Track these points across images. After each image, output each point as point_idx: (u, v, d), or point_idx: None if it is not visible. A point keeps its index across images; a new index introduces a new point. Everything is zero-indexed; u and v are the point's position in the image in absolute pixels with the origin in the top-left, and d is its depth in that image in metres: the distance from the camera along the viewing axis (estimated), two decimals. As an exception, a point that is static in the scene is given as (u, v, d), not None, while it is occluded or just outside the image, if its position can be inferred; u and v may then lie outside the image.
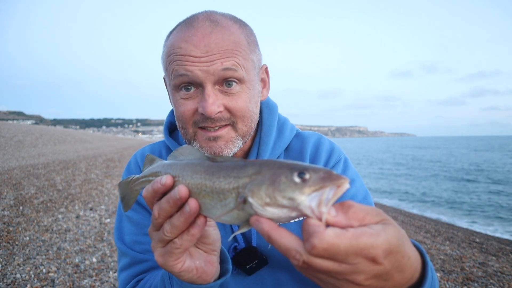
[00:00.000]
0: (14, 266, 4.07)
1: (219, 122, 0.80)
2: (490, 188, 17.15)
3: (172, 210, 0.54)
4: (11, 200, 7.29)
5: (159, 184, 0.55)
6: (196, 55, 0.75)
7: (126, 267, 0.92)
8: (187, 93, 0.79)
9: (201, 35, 0.76)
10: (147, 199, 0.57)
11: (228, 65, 0.76)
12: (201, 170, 0.53)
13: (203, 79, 0.76)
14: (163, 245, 0.58)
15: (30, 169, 11.75)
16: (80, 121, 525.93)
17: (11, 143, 22.83)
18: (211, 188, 0.51)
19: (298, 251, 0.45)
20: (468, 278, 4.26)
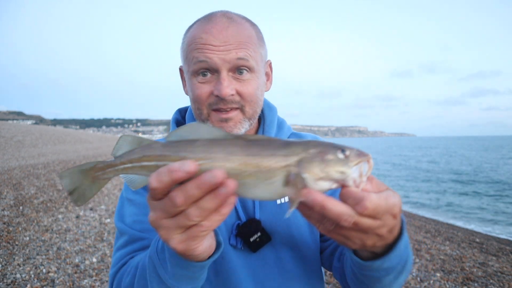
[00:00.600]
0: (14, 266, 4.07)
1: (231, 104, 0.90)
2: (489, 188, 17.15)
3: (203, 195, 0.49)
4: (11, 200, 7.29)
5: (182, 173, 0.47)
6: (215, 44, 0.87)
7: (122, 246, 0.91)
8: (204, 78, 0.90)
9: (220, 28, 0.89)
10: (157, 190, 0.49)
11: (241, 55, 0.88)
12: (237, 150, 0.50)
13: (220, 65, 0.88)
14: (183, 230, 0.53)
15: (30, 169, 11.74)
16: (80, 121, 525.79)
17: (11, 143, 22.82)
18: (257, 168, 0.51)
19: (350, 214, 0.53)
20: (468, 278, 4.26)
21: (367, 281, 0.75)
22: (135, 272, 0.78)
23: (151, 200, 0.53)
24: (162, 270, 0.67)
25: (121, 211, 0.98)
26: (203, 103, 0.92)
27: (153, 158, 0.52)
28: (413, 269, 4.49)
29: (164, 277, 0.67)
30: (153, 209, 0.54)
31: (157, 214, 0.53)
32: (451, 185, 18.59)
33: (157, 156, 0.52)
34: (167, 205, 0.51)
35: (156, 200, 0.52)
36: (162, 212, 0.52)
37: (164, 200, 0.51)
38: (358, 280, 0.77)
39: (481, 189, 16.95)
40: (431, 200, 14.11)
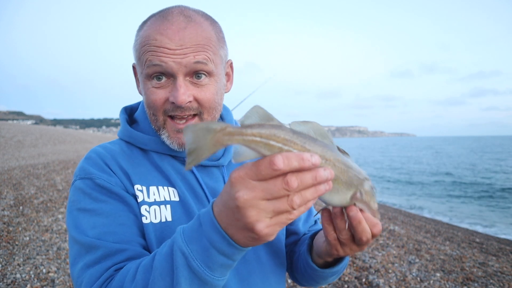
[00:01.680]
0: (14, 266, 4.07)
1: (188, 112, 0.86)
2: (488, 189, 17.15)
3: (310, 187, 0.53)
4: (11, 200, 7.29)
5: (309, 164, 0.51)
6: (171, 47, 0.81)
7: (97, 261, 0.77)
8: (158, 83, 0.84)
9: (176, 29, 0.82)
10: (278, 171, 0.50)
11: (199, 59, 0.82)
12: (340, 159, 0.59)
13: (175, 70, 0.82)
14: (275, 215, 0.54)
15: (30, 169, 11.75)
16: (80, 121, 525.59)
17: (11, 143, 22.82)
18: (346, 180, 0.61)
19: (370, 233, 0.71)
20: (468, 278, 4.26)
21: (319, 276, 0.93)
22: (145, 276, 0.68)
23: (253, 179, 0.52)
24: (199, 261, 0.61)
25: (77, 224, 0.81)
26: (159, 110, 0.86)
27: (281, 140, 0.53)
28: (413, 269, 4.49)
29: (200, 269, 0.61)
30: (252, 188, 0.53)
31: (255, 193, 0.52)
32: (448, 187, 18.60)
33: (286, 140, 0.53)
34: (277, 187, 0.51)
35: (262, 180, 0.52)
36: (264, 193, 0.52)
37: (274, 182, 0.51)
38: (312, 274, 0.94)
39: (481, 190, 16.96)
40: (431, 199, 14.13)
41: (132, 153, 0.92)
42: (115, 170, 0.87)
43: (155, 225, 0.84)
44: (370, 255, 4.91)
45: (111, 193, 0.84)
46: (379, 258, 4.79)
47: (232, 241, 0.59)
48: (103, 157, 0.89)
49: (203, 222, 0.62)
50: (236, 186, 0.53)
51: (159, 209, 0.85)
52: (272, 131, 0.53)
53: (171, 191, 0.88)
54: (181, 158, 0.94)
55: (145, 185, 0.86)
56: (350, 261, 4.63)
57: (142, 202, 0.84)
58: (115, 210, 0.83)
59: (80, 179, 0.86)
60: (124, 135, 0.96)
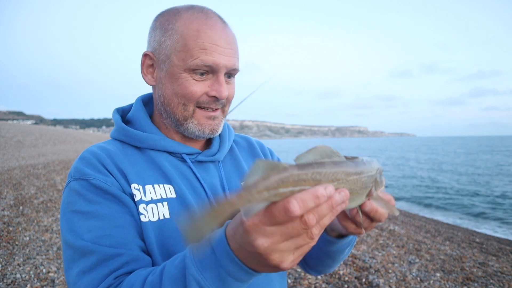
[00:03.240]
0: (14, 266, 4.08)
1: (220, 105, 0.93)
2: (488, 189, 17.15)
3: (328, 213, 0.51)
4: (11, 200, 7.29)
5: (325, 198, 0.49)
6: (221, 46, 0.87)
7: (93, 267, 0.75)
8: (201, 77, 0.89)
9: (220, 28, 0.89)
10: (296, 216, 0.48)
11: (236, 62, 0.92)
12: (351, 171, 0.58)
13: (221, 68, 0.88)
14: (297, 249, 0.54)
15: (30, 169, 11.75)
16: (80, 121, 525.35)
17: (11, 143, 22.82)
18: (361, 187, 0.61)
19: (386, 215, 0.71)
20: (468, 278, 4.26)
21: (332, 254, 0.93)
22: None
23: (269, 225, 0.50)
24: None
25: (72, 227, 0.80)
26: (193, 100, 0.90)
27: (291, 183, 0.50)
28: (413, 269, 4.49)
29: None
30: (270, 235, 0.51)
31: (275, 239, 0.51)
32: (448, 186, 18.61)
33: (295, 181, 0.50)
34: (296, 228, 0.50)
35: (277, 225, 0.50)
36: (283, 236, 0.51)
37: (292, 224, 0.50)
38: (323, 255, 0.95)
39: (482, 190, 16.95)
40: (430, 199, 14.13)
41: (128, 152, 0.91)
42: (111, 170, 0.85)
43: (154, 223, 0.83)
44: (370, 255, 4.92)
45: (107, 194, 0.82)
46: (379, 258, 4.79)
47: (252, 272, 0.59)
48: (99, 157, 0.87)
49: (218, 253, 0.60)
50: (253, 235, 0.51)
51: (156, 207, 0.85)
52: (277, 179, 0.49)
53: (167, 188, 0.88)
54: (178, 155, 0.94)
55: (141, 184, 0.86)
56: (350, 261, 4.63)
57: (140, 201, 0.84)
58: (111, 212, 0.81)
59: (74, 180, 0.83)
60: (119, 134, 0.95)
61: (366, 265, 4.48)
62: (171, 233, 0.83)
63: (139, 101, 1.01)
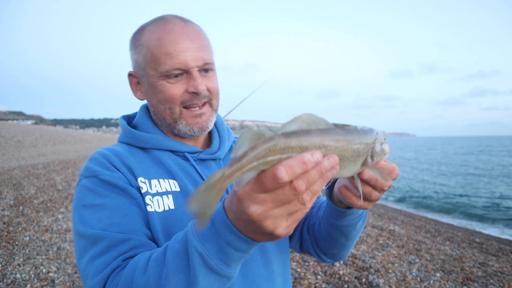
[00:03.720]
0: (14, 266, 4.08)
1: (203, 99, 0.98)
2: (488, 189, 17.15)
3: (318, 179, 0.53)
4: (11, 200, 7.29)
5: (312, 164, 0.51)
6: (184, 46, 0.93)
7: (103, 252, 0.79)
8: (175, 79, 0.95)
9: (180, 28, 0.94)
10: (284, 182, 0.50)
11: (206, 55, 0.96)
12: (340, 138, 0.58)
13: (192, 66, 0.94)
14: (290, 216, 0.56)
15: (30, 169, 11.75)
16: (80, 121, 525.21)
17: (11, 143, 22.83)
18: (352, 154, 0.61)
19: (390, 181, 0.71)
20: (468, 278, 4.26)
21: (344, 230, 0.94)
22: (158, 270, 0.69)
23: (259, 193, 0.52)
24: (216, 260, 0.64)
25: (83, 219, 0.85)
26: (176, 102, 0.96)
27: (278, 151, 0.52)
28: (413, 269, 4.49)
29: (218, 267, 0.64)
30: (262, 201, 0.53)
31: (266, 205, 0.53)
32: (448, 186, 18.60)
33: (282, 149, 0.52)
34: (286, 194, 0.52)
35: (269, 192, 0.52)
36: (274, 203, 0.53)
37: (282, 191, 0.52)
38: (335, 232, 0.95)
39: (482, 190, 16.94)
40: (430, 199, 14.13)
41: (134, 152, 0.99)
42: (119, 167, 0.92)
43: (159, 214, 0.89)
44: (370, 255, 4.92)
45: (115, 188, 0.88)
46: (379, 258, 4.79)
47: (251, 240, 0.61)
48: (107, 156, 0.94)
49: (217, 224, 0.63)
50: (245, 202, 0.54)
51: (162, 199, 0.91)
52: (265, 147, 0.52)
53: (172, 182, 0.95)
54: (181, 153, 1.00)
55: (147, 178, 0.93)
56: (350, 261, 4.63)
57: (146, 193, 0.90)
58: (119, 203, 0.87)
59: (85, 178, 0.91)
60: (125, 137, 1.03)
61: (366, 265, 4.48)
62: (176, 223, 0.88)
63: (144, 108, 1.09)
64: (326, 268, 4.34)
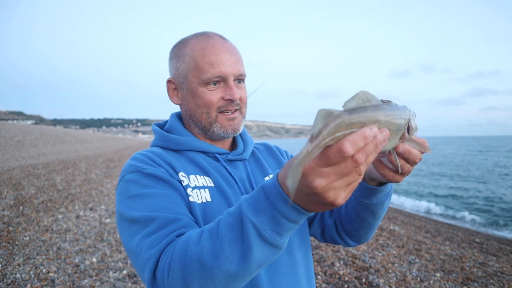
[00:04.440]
0: (14, 266, 4.08)
1: (236, 106, 1.09)
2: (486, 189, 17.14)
3: (373, 151, 0.58)
4: (11, 200, 7.30)
5: (371, 137, 0.56)
6: (225, 57, 1.06)
7: (155, 231, 0.84)
8: (214, 86, 1.07)
9: (221, 43, 1.08)
10: (345, 157, 0.55)
11: (241, 68, 1.09)
12: (388, 113, 0.64)
13: (229, 76, 1.06)
14: (348, 185, 0.61)
15: (30, 169, 11.75)
16: (80, 121, 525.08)
17: (11, 143, 22.83)
18: (396, 128, 0.67)
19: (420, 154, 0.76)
20: (468, 278, 4.26)
21: (373, 208, 0.98)
22: (212, 241, 0.73)
23: (324, 167, 0.57)
24: (270, 231, 0.68)
25: (131, 208, 0.90)
26: (213, 107, 1.07)
27: (343, 128, 0.58)
28: (413, 269, 4.49)
29: (272, 237, 0.69)
30: (326, 175, 0.58)
31: (330, 178, 0.58)
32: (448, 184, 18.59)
33: (346, 125, 0.58)
34: (348, 167, 0.57)
35: (332, 165, 0.57)
36: (337, 175, 0.58)
37: (345, 163, 0.56)
38: (364, 211, 1.00)
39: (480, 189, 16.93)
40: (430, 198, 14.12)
41: (169, 154, 1.08)
42: (160, 163, 1.00)
43: (199, 205, 0.97)
44: (370, 255, 4.92)
45: (159, 180, 0.95)
46: (379, 258, 4.79)
47: (305, 211, 0.66)
48: (148, 155, 1.03)
49: (272, 197, 0.67)
50: (311, 176, 0.58)
51: (200, 192, 0.99)
52: (335, 124, 0.57)
53: (206, 179, 1.04)
54: (211, 154, 1.11)
55: (186, 174, 1.02)
56: (350, 261, 4.63)
57: (187, 185, 0.98)
58: (164, 192, 0.93)
59: (129, 173, 0.97)
60: (159, 141, 1.13)
61: (366, 265, 4.48)
62: (213, 214, 0.96)
63: (174, 116, 1.20)
64: (326, 268, 4.35)
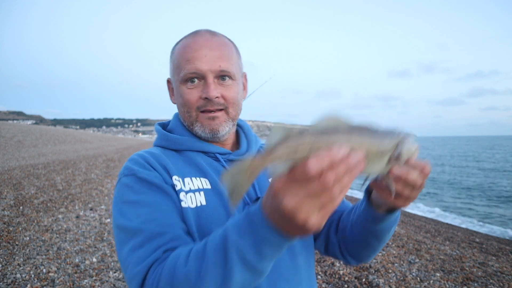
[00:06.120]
0: (14, 266, 4.08)
1: (217, 106, 1.03)
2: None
3: (346, 173, 0.57)
4: (11, 200, 7.30)
5: (339, 157, 0.55)
6: (202, 53, 1.00)
7: (142, 244, 0.85)
8: (192, 84, 1.02)
9: (205, 39, 1.02)
10: (314, 173, 0.54)
11: (224, 64, 1.01)
12: (365, 136, 0.62)
13: (207, 72, 1.00)
14: (321, 208, 0.59)
15: (30, 169, 11.75)
16: (80, 121, 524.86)
17: (11, 143, 22.83)
18: (377, 151, 0.64)
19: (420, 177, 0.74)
20: (468, 278, 4.26)
21: (379, 234, 0.96)
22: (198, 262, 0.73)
23: (292, 186, 0.57)
24: (252, 255, 0.68)
25: (123, 214, 0.92)
26: (192, 107, 1.03)
27: (307, 144, 0.57)
28: (413, 269, 4.49)
29: (254, 261, 0.68)
30: (295, 194, 0.57)
31: (299, 197, 0.57)
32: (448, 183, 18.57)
33: (311, 143, 0.57)
34: (316, 187, 0.56)
35: (301, 184, 0.56)
36: (306, 195, 0.57)
37: (313, 183, 0.56)
38: (370, 236, 0.97)
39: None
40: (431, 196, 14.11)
41: (168, 154, 1.06)
42: (155, 166, 0.99)
43: (193, 209, 0.95)
44: (370, 255, 4.91)
45: (151, 185, 0.95)
46: (379, 258, 4.79)
47: (284, 235, 0.65)
48: (144, 157, 1.02)
49: (255, 220, 0.67)
50: (280, 195, 0.58)
51: (194, 196, 0.97)
52: (295, 141, 0.57)
53: (203, 181, 1.01)
54: (212, 154, 1.07)
55: (181, 177, 1.00)
56: (350, 261, 4.63)
57: (180, 190, 0.97)
58: (155, 200, 0.93)
59: (124, 176, 0.98)
60: (161, 140, 1.11)
61: (366, 265, 4.48)
62: (207, 218, 0.95)
63: (176, 115, 1.18)
64: (326, 268, 4.35)
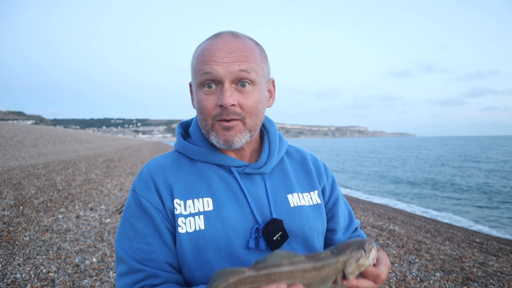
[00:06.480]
0: (14, 266, 4.08)
1: (232, 115, 0.94)
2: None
3: None
4: (11, 200, 7.30)
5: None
6: (220, 56, 0.92)
7: (124, 274, 0.96)
8: (209, 90, 0.95)
9: (225, 41, 0.94)
10: None
11: (243, 67, 0.92)
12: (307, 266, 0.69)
13: (223, 76, 0.92)
14: None
15: (30, 169, 11.75)
16: (80, 121, 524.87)
17: (11, 143, 22.83)
18: (321, 279, 0.71)
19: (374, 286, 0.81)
20: (468, 278, 4.26)
21: None
22: None
23: None
24: None
25: (121, 233, 1.00)
26: (209, 114, 0.96)
27: (248, 283, 0.63)
28: (413, 269, 4.49)
29: None
30: None
31: None
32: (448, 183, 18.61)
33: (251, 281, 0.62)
34: None
35: None
36: None
37: None
38: None
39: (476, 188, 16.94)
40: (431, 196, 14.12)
41: (181, 164, 1.05)
42: (159, 186, 0.99)
43: (190, 234, 0.95)
44: (370, 255, 4.91)
45: (145, 213, 0.98)
46: (379, 258, 4.79)
47: None
48: (152, 173, 1.02)
49: None
50: None
51: (194, 220, 0.96)
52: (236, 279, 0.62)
53: (206, 201, 0.98)
54: (226, 167, 1.02)
55: (183, 199, 0.98)
56: (350, 261, 4.62)
57: (179, 214, 0.96)
58: (146, 229, 0.97)
59: (132, 190, 1.02)
60: (178, 146, 1.09)
61: (366, 265, 4.48)
62: (205, 242, 0.94)
63: (196, 119, 1.13)
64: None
